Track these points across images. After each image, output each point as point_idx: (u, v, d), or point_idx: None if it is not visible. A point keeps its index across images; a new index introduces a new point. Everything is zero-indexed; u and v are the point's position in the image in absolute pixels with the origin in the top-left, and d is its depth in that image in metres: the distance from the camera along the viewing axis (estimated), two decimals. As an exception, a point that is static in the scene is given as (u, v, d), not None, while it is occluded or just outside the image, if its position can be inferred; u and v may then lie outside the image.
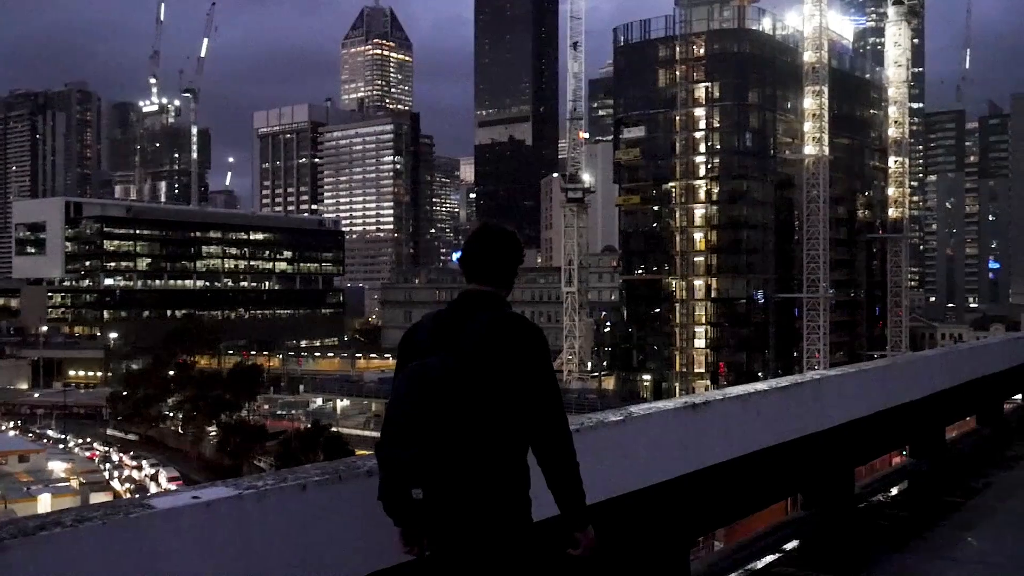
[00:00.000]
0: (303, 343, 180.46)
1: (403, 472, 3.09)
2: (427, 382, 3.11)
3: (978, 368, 10.63)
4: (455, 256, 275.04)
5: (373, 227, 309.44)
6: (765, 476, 5.67)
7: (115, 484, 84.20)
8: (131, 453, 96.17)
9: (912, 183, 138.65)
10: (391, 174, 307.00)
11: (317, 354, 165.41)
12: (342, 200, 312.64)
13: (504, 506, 3.17)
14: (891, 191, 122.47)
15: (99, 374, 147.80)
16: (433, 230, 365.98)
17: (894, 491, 8.20)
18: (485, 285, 3.41)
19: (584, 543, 3.29)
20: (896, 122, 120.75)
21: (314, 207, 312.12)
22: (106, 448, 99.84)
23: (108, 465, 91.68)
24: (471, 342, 3.18)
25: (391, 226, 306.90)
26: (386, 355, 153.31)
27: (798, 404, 6.14)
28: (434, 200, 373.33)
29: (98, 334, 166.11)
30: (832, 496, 6.55)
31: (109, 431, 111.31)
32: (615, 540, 4.16)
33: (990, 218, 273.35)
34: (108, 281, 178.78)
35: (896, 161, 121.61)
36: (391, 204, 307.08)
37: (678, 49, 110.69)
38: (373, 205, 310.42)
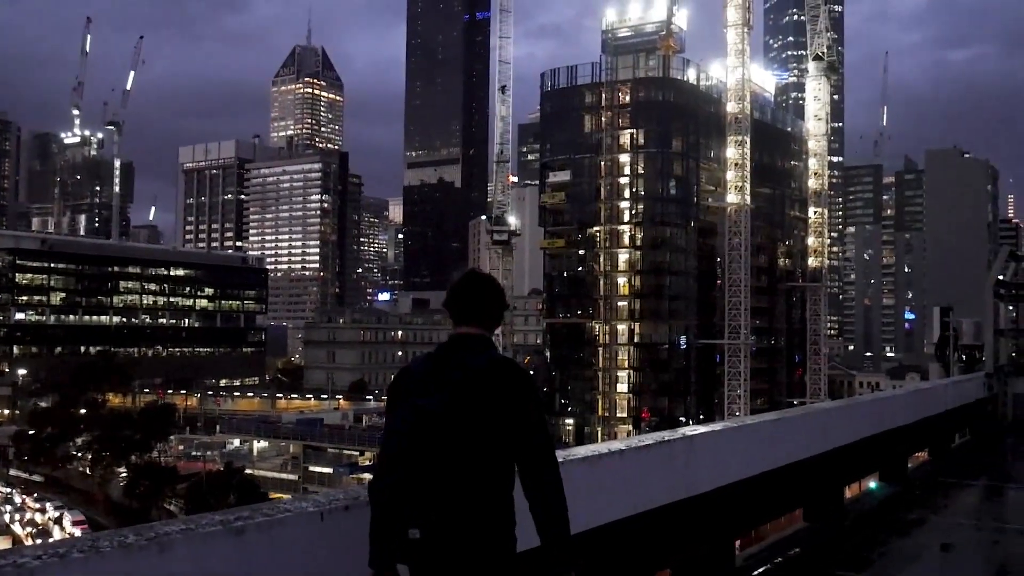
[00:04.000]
0: (223, 382, 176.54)
1: (391, 509, 3.15)
2: (419, 424, 3.21)
3: (880, 422, 10.02)
4: (381, 296, 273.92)
5: (299, 265, 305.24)
6: (618, 555, 4.81)
7: (16, 528, 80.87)
8: (35, 495, 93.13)
9: (831, 234, 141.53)
10: (318, 212, 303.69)
11: (237, 394, 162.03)
12: (268, 238, 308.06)
13: (494, 542, 3.21)
14: (811, 241, 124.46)
15: (6, 412, 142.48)
16: (360, 270, 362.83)
17: (781, 561, 7.38)
18: (473, 328, 3.53)
19: None
20: (816, 174, 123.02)
21: (239, 244, 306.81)
22: (8, 489, 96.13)
23: (9, 508, 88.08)
24: (466, 383, 3.27)
25: (317, 265, 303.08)
26: (307, 395, 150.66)
27: (664, 467, 5.31)
28: (362, 240, 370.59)
29: (6, 370, 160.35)
30: (706, 573, 5.71)
31: (12, 471, 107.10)
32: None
33: (906, 269, 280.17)
34: (19, 315, 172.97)
35: (816, 212, 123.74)
36: (317, 243, 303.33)
37: (604, 96, 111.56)
38: (299, 243, 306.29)
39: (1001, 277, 22.78)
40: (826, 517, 8.02)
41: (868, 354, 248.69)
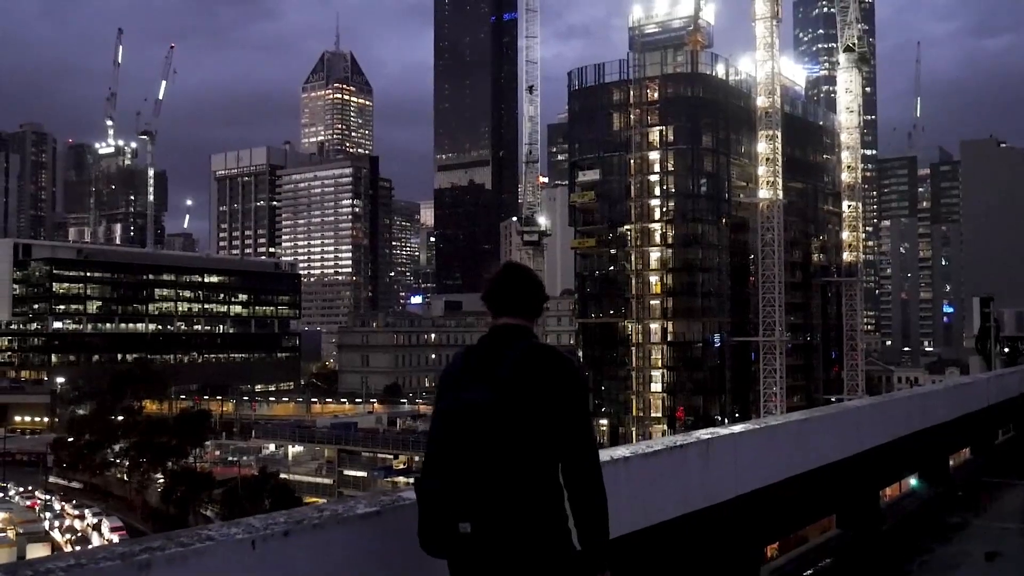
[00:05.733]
0: (258, 387, 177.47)
1: (439, 504, 3.09)
2: (463, 416, 3.15)
3: (918, 420, 9.44)
4: (414, 300, 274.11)
5: (331, 270, 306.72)
6: (626, 573, 4.33)
7: (55, 535, 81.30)
8: (74, 502, 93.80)
9: (866, 228, 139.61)
10: (350, 217, 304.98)
11: (272, 399, 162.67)
12: (300, 243, 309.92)
13: (547, 535, 3.14)
14: (845, 235, 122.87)
15: (45, 419, 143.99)
16: (392, 273, 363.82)
17: (811, 574, 6.82)
18: (514, 318, 3.46)
19: None
20: (849, 167, 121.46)
21: (272, 250, 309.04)
22: (48, 496, 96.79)
23: (49, 514, 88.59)
24: (507, 374, 3.21)
25: (349, 269, 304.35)
26: (342, 400, 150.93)
27: (676, 474, 4.82)
28: (393, 243, 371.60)
29: (45, 378, 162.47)
30: (727, 588, 5.22)
31: (52, 479, 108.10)
32: None
33: (943, 262, 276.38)
34: (57, 324, 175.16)
35: (849, 206, 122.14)
36: (349, 247, 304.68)
37: (632, 93, 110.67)
38: (331, 248, 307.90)
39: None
40: (861, 523, 7.48)
41: (906, 349, 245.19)
